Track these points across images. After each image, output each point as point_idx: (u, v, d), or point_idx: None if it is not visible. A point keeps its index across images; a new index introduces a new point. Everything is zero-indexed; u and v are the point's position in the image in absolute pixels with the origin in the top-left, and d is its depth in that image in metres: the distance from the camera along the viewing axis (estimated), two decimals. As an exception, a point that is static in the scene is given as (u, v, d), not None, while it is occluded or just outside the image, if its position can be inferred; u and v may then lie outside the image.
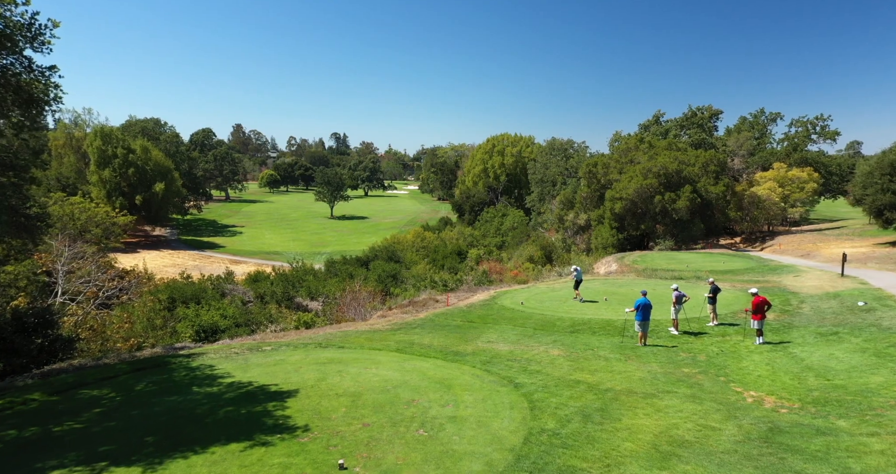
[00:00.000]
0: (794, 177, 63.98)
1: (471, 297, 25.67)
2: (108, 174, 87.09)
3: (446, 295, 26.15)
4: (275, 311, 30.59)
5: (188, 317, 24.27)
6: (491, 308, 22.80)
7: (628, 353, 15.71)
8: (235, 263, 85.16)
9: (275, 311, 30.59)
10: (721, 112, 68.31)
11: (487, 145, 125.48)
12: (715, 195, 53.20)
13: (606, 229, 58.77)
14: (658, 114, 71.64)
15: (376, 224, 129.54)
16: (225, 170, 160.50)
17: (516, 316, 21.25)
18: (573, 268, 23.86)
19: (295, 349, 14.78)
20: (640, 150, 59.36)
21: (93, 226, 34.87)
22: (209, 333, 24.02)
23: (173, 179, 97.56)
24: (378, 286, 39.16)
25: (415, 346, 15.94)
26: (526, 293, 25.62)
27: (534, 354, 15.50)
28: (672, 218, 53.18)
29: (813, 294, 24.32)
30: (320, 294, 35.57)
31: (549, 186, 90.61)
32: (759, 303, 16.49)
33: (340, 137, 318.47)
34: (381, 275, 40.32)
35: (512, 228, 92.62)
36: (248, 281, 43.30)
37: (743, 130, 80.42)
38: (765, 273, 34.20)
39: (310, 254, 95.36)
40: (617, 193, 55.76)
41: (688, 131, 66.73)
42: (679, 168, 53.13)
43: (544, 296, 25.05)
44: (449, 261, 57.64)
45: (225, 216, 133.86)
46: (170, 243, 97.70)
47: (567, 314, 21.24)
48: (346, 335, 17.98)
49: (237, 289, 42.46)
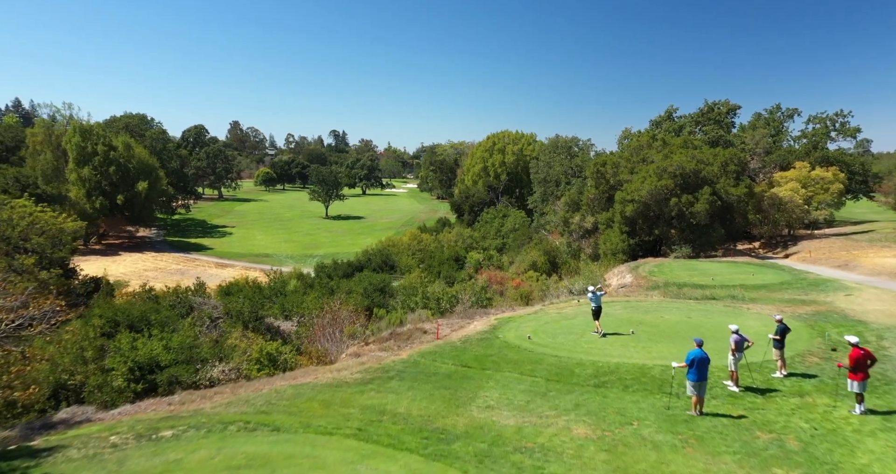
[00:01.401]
0: (818, 178, 59.47)
1: (466, 326, 21.16)
2: (88, 172, 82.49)
3: (436, 323, 21.63)
4: (236, 337, 26.08)
5: (121, 350, 19.87)
6: (491, 344, 18.29)
7: (683, 432, 11.20)
8: (221, 267, 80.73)
9: (236, 337, 26.08)
10: (739, 107, 63.82)
11: (488, 143, 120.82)
12: (736, 197, 48.61)
13: (616, 234, 54.22)
14: (671, 109, 67.04)
15: (372, 224, 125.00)
16: (218, 168, 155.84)
17: (523, 358, 16.76)
18: (589, 289, 19.37)
19: (209, 433, 10.30)
20: (654, 148, 54.79)
21: (35, 234, 30.27)
22: (146, 371, 19.53)
23: (158, 178, 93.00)
24: (364, 301, 34.65)
25: (384, 422, 11.44)
26: (532, 322, 21.09)
27: (551, 435, 11.00)
28: (689, 222, 48.64)
29: (889, 324, 19.79)
30: (295, 313, 31.07)
31: (552, 186, 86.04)
32: (860, 357, 11.96)
33: (339, 135, 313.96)
34: (368, 288, 35.80)
35: (513, 230, 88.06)
36: (220, 292, 38.80)
37: (758, 127, 75.79)
38: (806, 289, 29.68)
39: (301, 257, 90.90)
40: (628, 195, 51.20)
41: (704, 128, 62.03)
42: (697, 168, 48.55)
43: (555, 326, 20.54)
44: (445, 269, 53.14)
45: (215, 216, 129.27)
46: (154, 245, 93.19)
47: (587, 355, 16.74)
48: (298, 394, 13.48)
49: (207, 303, 37.88)
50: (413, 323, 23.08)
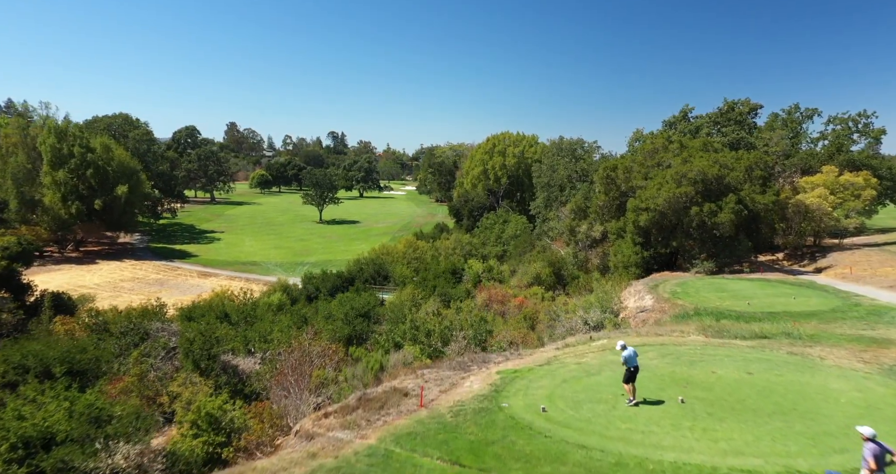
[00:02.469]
0: (848, 183, 54.66)
1: (460, 384, 16.32)
2: (63, 175, 77.66)
3: (420, 376, 16.80)
4: (180, 383, 21.25)
5: (2, 420, 15.10)
6: (492, 421, 13.46)
7: None
8: (204, 276, 75.90)
9: (180, 383, 21.25)
10: (761, 106, 58.92)
11: (487, 145, 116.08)
12: (763, 206, 43.78)
13: (628, 245, 49.37)
14: (686, 109, 62.17)
15: (367, 229, 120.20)
16: (210, 171, 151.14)
17: (537, 449, 11.93)
18: (619, 345, 14.50)
19: None
20: (670, 152, 49.97)
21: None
22: (33, 450, 14.71)
23: (139, 181, 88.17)
24: (344, 328, 29.83)
25: None
26: (547, 380, 16.23)
27: None
28: (711, 234, 43.82)
29: None
30: (260, 347, 26.24)
31: (556, 191, 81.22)
32: None
33: (338, 136, 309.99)
34: (350, 313, 30.95)
35: (514, 236, 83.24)
36: (182, 316, 33.97)
37: (776, 128, 71.03)
38: (869, 321, 24.83)
39: (291, 265, 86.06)
40: (642, 203, 46.38)
41: (723, 129, 57.17)
42: (720, 173, 43.73)
43: (577, 387, 15.69)
44: (441, 283, 48.36)
45: (205, 220, 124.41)
46: (135, 252, 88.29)
47: (628, 446, 11.92)
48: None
49: (166, 329, 33.15)
50: (392, 374, 18.27)
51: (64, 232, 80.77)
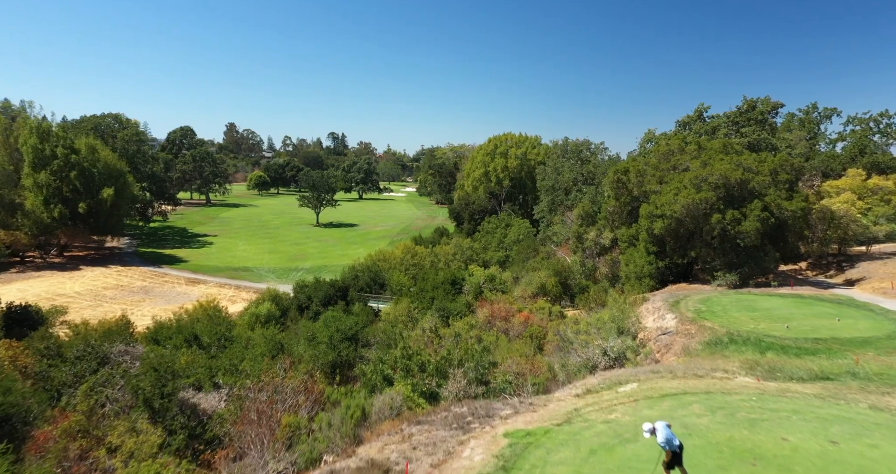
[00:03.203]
0: (877, 187, 51.07)
1: (457, 453, 12.72)
2: (46, 177, 74.22)
3: (405, 445, 13.20)
4: (122, 432, 17.68)
5: None
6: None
7: None
8: (193, 283, 72.41)
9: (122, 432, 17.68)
10: (782, 105, 55.23)
11: (489, 146, 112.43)
12: (790, 213, 40.14)
13: (641, 254, 45.81)
14: (701, 107, 58.52)
15: (365, 233, 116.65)
16: (205, 172, 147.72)
17: None
18: (646, 430, 10.66)
19: None
20: (687, 154, 46.36)
21: None
22: None
23: (127, 183, 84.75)
24: (328, 354, 26.24)
25: None
26: (569, 450, 12.57)
27: None
28: (734, 243, 40.18)
29: None
30: (228, 380, 22.66)
31: (561, 194, 77.59)
32: None
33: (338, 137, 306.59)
34: (335, 337, 27.35)
35: (517, 241, 79.63)
36: (147, 338, 30.36)
37: (793, 129, 67.41)
38: (940, 354, 21.18)
39: (284, 271, 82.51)
40: (657, 209, 42.79)
41: (742, 129, 53.53)
42: (744, 177, 40.10)
43: (609, 465, 12.03)
44: (440, 295, 44.79)
45: (198, 223, 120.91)
46: (123, 257, 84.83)
47: None
48: None
49: (130, 352, 29.62)
50: (375, 430, 14.67)
51: (46, 236, 77.31)
